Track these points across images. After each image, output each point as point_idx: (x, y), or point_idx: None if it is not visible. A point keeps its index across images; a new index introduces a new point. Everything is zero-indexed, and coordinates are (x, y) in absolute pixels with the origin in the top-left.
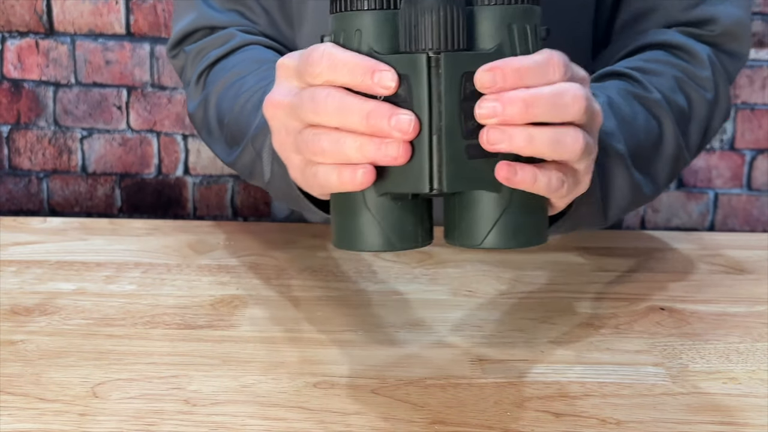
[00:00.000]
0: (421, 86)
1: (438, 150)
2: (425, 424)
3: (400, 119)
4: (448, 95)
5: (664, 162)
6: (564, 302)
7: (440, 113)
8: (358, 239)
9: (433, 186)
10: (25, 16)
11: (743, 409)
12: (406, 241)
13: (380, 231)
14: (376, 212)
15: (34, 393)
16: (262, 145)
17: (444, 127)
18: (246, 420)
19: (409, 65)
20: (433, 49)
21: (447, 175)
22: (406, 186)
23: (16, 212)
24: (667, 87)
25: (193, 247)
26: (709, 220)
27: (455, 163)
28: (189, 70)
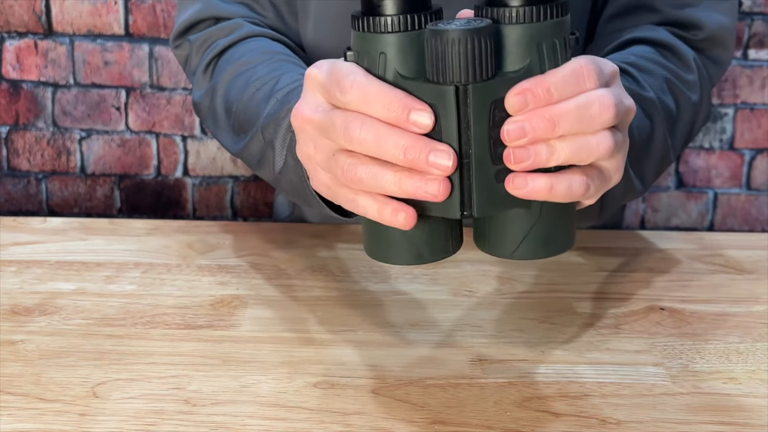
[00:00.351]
0: (450, 117)
1: (468, 178)
2: (425, 424)
3: (438, 156)
4: (477, 124)
5: (653, 161)
6: (564, 302)
7: (469, 141)
8: (390, 253)
9: (464, 213)
10: (24, 17)
11: (743, 409)
12: (437, 254)
13: (412, 246)
14: (409, 230)
15: (34, 393)
16: (274, 135)
17: (473, 155)
18: (246, 420)
19: (438, 96)
20: (461, 82)
21: (477, 202)
22: (437, 212)
23: (14, 213)
24: (658, 87)
25: (193, 247)
26: (709, 219)
27: (485, 190)
28: (194, 59)
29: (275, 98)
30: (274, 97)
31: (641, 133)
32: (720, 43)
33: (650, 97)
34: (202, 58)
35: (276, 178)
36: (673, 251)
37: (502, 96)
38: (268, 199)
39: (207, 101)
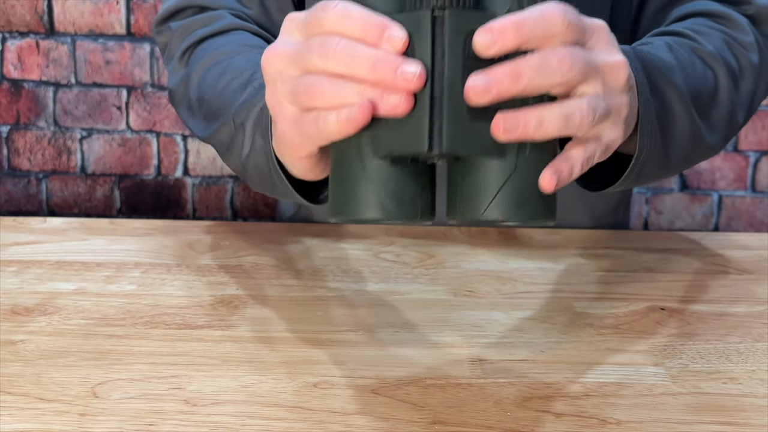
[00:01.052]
0: (425, 43)
1: (439, 109)
2: (425, 424)
3: (406, 69)
4: (451, 53)
5: (720, 112)
6: (564, 302)
7: (443, 71)
8: (355, 206)
9: (433, 145)
10: (26, 16)
11: (743, 409)
12: (404, 211)
13: (378, 198)
14: (374, 176)
15: (34, 393)
16: (246, 118)
17: (446, 86)
18: (246, 420)
19: (414, 22)
20: (438, 6)
21: (447, 135)
22: (405, 146)
23: (14, 213)
24: (718, 46)
25: (193, 247)
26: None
27: (456, 123)
28: (173, 46)
29: (252, 86)
30: (251, 85)
31: (706, 81)
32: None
33: (710, 50)
34: (180, 45)
35: (243, 164)
36: (673, 251)
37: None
38: (268, 199)
39: (182, 88)
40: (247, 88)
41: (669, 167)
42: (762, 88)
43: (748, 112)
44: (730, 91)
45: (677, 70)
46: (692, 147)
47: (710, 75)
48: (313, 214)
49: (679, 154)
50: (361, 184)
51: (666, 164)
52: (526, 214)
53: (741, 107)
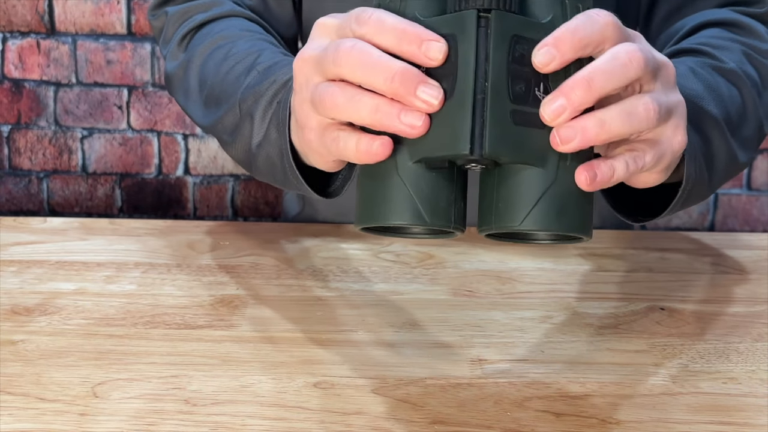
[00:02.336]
0: (469, 44)
1: (482, 111)
2: (425, 424)
3: (427, 90)
4: (496, 55)
5: (750, 129)
6: (564, 302)
7: (486, 73)
8: (386, 210)
9: (474, 148)
10: (27, 16)
11: (743, 409)
12: (438, 217)
13: (411, 202)
14: (408, 181)
15: (34, 393)
16: (254, 107)
17: (490, 88)
18: (246, 420)
19: (457, 23)
20: (483, 7)
21: (490, 138)
22: (445, 148)
23: (16, 212)
24: (737, 60)
25: (193, 247)
26: (709, 220)
27: (500, 126)
28: (170, 31)
29: (256, 71)
30: (255, 69)
31: (733, 100)
32: None
33: (732, 68)
34: (177, 30)
35: (251, 154)
36: (673, 251)
37: (524, 35)
38: (269, 198)
39: (180, 73)
40: (251, 73)
41: (710, 193)
42: None
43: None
44: (756, 105)
45: (707, 98)
46: (729, 169)
47: (735, 94)
48: (317, 212)
49: (719, 179)
50: (394, 188)
51: (708, 191)
52: (565, 226)
53: (766, 118)
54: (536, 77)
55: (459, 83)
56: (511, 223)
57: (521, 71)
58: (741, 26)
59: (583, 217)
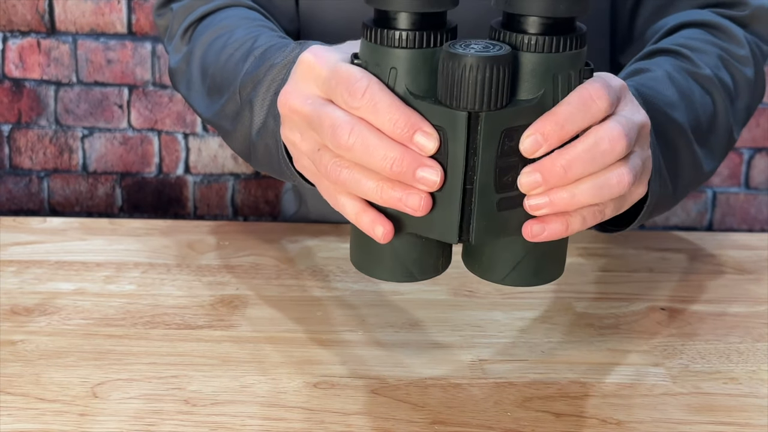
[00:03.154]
0: (459, 142)
1: (470, 204)
2: (425, 424)
3: (426, 174)
4: (486, 152)
5: (719, 137)
6: (564, 302)
7: (475, 167)
8: (378, 268)
9: (462, 238)
10: (27, 16)
11: (743, 409)
12: (427, 273)
13: (401, 265)
14: (400, 248)
15: (34, 393)
16: (254, 94)
17: (478, 182)
18: (246, 420)
19: (449, 120)
20: (474, 109)
21: (476, 230)
22: (433, 234)
23: (16, 212)
24: (713, 65)
25: (193, 247)
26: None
27: (486, 218)
28: (174, 26)
29: (253, 56)
30: (252, 54)
31: (705, 109)
32: (763, 20)
33: (707, 74)
34: (181, 24)
35: (251, 142)
36: (674, 251)
37: (514, 125)
38: (269, 197)
39: (183, 65)
40: (249, 58)
41: (674, 203)
42: (756, 100)
43: (743, 126)
44: (727, 113)
45: (679, 106)
46: (694, 179)
47: (708, 102)
48: (315, 210)
49: (684, 190)
50: (385, 252)
51: (672, 202)
52: (540, 280)
53: (737, 125)
54: (523, 162)
55: (449, 177)
56: (493, 279)
57: (509, 162)
58: (720, 29)
59: (557, 268)
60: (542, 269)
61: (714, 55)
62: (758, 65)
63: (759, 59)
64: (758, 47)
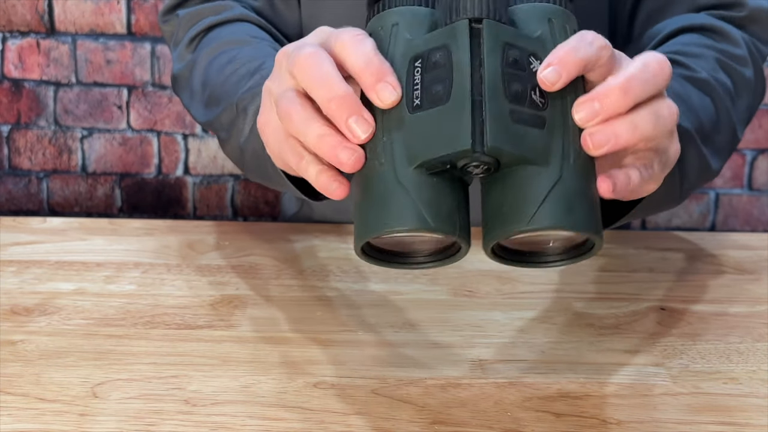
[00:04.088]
0: (463, 51)
1: (480, 110)
2: (425, 424)
3: (357, 122)
4: (490, 59)
5: (724, 136)
6: (564, 302)
7: (482, 77)
8: (388, 219)
9: (476, 144)
10: (26, 16)
11: (743, 409)
12: (442, 223)
13: (414, 207)
14: (409, 186)
15: (34, 393)
16: (249, 103)
17: (487, 89)
18: (246, 420)
19: (449, 35)
20: (474, 17)
21: (491, 134)
22: (446, 147)
23: (15, 212)
24: (711, 68)
25: (193, 247)
26: (710, 220)
27: (499, 122)
28: (180, 33)
29: (259, 74)
30: (259, 73)
31: (705, 110)
32: (761, 21)
33: (704, 77)
34: (187, 32)
35: (241, 148)
36: (674, 251)
37: (516, 43)
38: (269, 198)
39: (186, 73)
40: (254, 76)
41: (680, 200)
42: (757, 99)
43: (746, 125)
44: (729, 113)
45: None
46: (701, 176)
47: (708, 103)
48: (313, 212)
49: (690, 186)
50: (395, 197)
51: (679, 198)
52: (575, 224)
53: (740, 124)
54: (531, 82)
55: (455, 87)
56: (518, 225)
57: (516, 74)
58: (717, 31)
59: (593, 217)
60: (576, 208)
61: (711, 58)
62: (757, 65)
63: (757, 59)
64: (756, 48)
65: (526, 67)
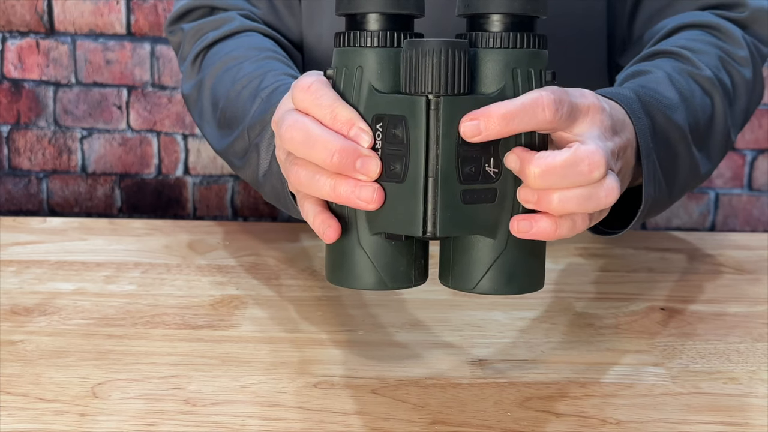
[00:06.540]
0: (419, 129)
1: (433, 194)
2: (425, 424)
3: (366, 162)
4: (445, 139)
5: (716, 140)
6: (564, 302)
7: (437, 157)
8: (351, 277)
9: (427, 230)
10: (26, 16)
11: (743, 409)
12: (398, 281)
13: (373, 271)
14: (369, 251)
15: (34, 393)
16: (260, 138)
17: (440, 171)
18: (246, 420)
19: (409, 107)
20: (433, 93)
21: (441, 220)
22: (398, 228)
23: (15, 212)
24: (714, 66)
25: (193, 247)
26: (710, 220)
27: (450, 208)
28: (186, 48)
29: (260, 98)
30: (259, 96)
31: (704, 111)
32: (762, 21)
33: (708, 75)
34: (192, 48)
35: (259, 182)
36: (674, 251)
37: None
38: None
39: (195, 94)
40: (256, 101)
41: (670, 205)
42: (754, 102)
43: (740, 128)
44: (725, 116)
45: (680, 107)
46: (690, 182)
47: (708, 103)
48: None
49: (680, 192)
50: (356, 258)
51: (668, 204)
52: (515, 288)
53: (735, 127)
54: (486, 154)
55: (411, 167)
56: (465, 286)
57: (470, 152)
58: (720, 30)
59: (534, 276)
60: (517, 276)
61: (714, 56)
62: (756, 67)
63: (757, 61)
64: (757, 49)
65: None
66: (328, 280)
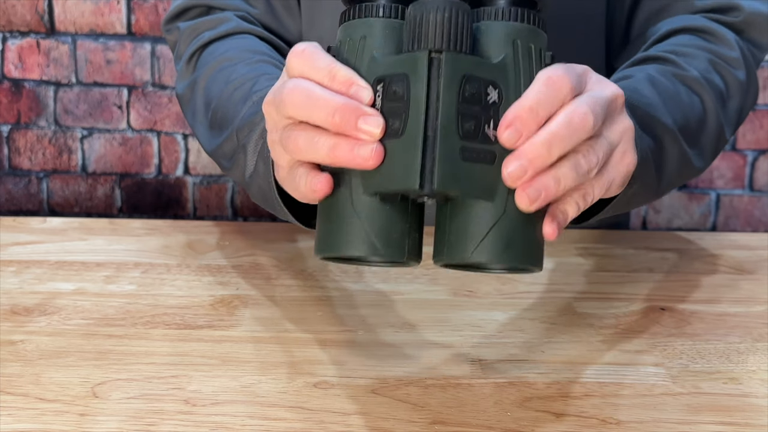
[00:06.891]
0: (420, 84)
1: (432, 148)
2: (425, 424)
3: (368, 121)
4: (446, 94)
5: (709, 136)
6: (564, 302)
7: (437, 112)
8: (342, 242)
9: (424, 184)
10: (27, 16)
11: (743, 409)
12: (391, 248)
13: (365, 234)
14: (362, 213)
15: (34, 393)
16: (248, 139)
17: (440, 126)
18: (246, 420)
19: (410, 63)
20: (435, 48)
21: (439, 174)
22: (395, 183)
23: (15, 212)
24: (703, 68)
25: (193, 247)
26: (711, 221)
27: (449, 162)
28: (182, 47)
29: (251, 100)
30: (251, 99)
31: (693, 108)
32: (758, 26)
33: (694, 76)
34: (188, 47)
35: (246, 183)
36: (674, 251)
37: (475, 74)
38: None
39: (189, 93)
40: (247, 102)
41: (657, 195)
42: (749, 102)
43: (735, 127)
44: (718, 114)
45: (661, 106)
46: (681, 174)
47: (696, 101)
48: None
49: (668, 183)
50: (349, 221)
51: (655, 193)
52: (513, 259)
53: (729, 126)
54: (486, 115)
55: (410, 121)
56: (461, 255)
57: (471, 110)
58: (711, 33)
59: (532, 249)
60: (514, 244)
61: (704, 59)
62: (750, 68)
63: (750, 62)
64: (750, 51)
65: (482, 99)
66: (317, 253)
